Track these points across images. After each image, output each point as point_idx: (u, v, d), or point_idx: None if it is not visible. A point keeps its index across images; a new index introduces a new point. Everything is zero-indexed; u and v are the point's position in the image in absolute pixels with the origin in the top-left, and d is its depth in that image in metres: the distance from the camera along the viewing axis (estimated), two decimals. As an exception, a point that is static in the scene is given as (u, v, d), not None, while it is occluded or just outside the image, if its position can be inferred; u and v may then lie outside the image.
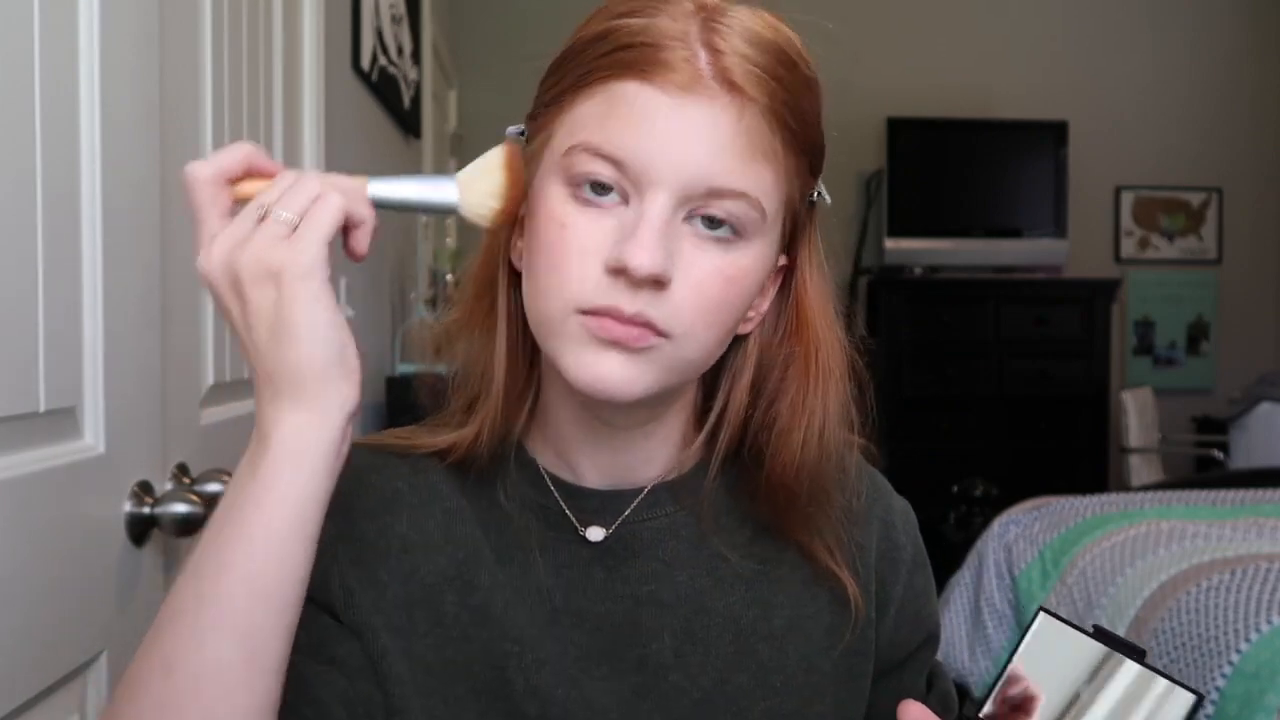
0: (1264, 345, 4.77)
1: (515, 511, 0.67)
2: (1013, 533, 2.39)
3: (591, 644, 0.65)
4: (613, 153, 0.58)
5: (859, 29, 4.46)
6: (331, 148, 1.69)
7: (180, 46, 1.07)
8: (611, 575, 0.66)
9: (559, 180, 0.60)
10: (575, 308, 0.59)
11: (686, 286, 0.59)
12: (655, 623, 0.66)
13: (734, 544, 0.68)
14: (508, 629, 0.64)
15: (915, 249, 4.22)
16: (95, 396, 0.85)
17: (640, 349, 0.58)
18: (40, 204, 0.76)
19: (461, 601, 0.65)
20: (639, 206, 0.59)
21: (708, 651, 0.66)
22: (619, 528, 0.67)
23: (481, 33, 4.16)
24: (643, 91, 0.58)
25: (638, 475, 0.68)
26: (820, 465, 0.66)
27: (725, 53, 0.58)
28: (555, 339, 0.60)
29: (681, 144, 0.58)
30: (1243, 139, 4.71)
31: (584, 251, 0.59)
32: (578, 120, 0.60)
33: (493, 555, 0.66)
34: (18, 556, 0.74)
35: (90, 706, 0.86)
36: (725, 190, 0.59)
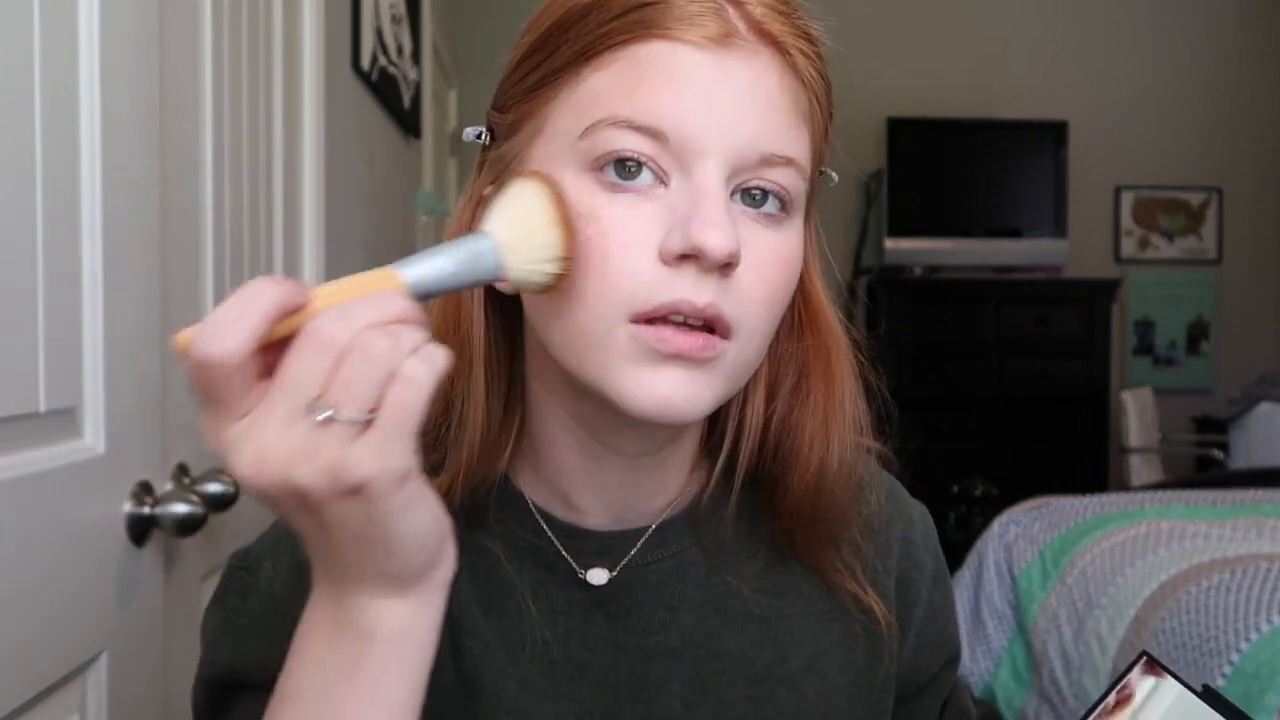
0: (1264, 345, 4.77)
1: (502, 554, 0.59)
2: (1013, 533, 2.38)
3: (595, 699, 0.59)
4: (651, 123, 0.50)
5: (859, 29, 4.46)
6: (331, 148, 1.69)
7: (180, 46, 1.07)
8: (614, 624, 0.59)
9: (575, 168, 0.51)
10: (628, 314, 0.50)
11: (751, 271, 0.51)
12: (663, 673, 0.59)
13: (745, 576, 0.61)
14: (501, 699, 0.57)
15: (915, 249, 4.22)
16: (95, 396, 0.85)
17: (705, 359, 0.50)
18: (40, 204, 0.76)
19: (450, 666, 0.58)
20: (685, 183, 0.50)
21: (720, 699, 0.60)
22: (623, 571, 0.60)
23: (481, 33, 4.16)
24: (675, 50, 0.50)
25: (643, 508, 0.61)
26: (841, 473, 0.59)
27: (750, 2, 0.52)
28: (598, 356, 0.51)
29: (731, 105, 0.50)
30: (1243, 139, 4.71)
31: (626, 245, 0.50)
32: (589, 96, 0.51)
33: (479, 608, 0.59)
34: (18, 556, 0.74)
35: (90, 706, 0.86)
36: (777, 156, 0.51)
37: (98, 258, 0.84)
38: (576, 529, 0.60)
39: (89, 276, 0.84)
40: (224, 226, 1.20)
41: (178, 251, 1.06)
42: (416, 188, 2.75)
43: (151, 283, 0.96)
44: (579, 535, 0.60)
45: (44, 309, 0.77)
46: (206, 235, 1.15)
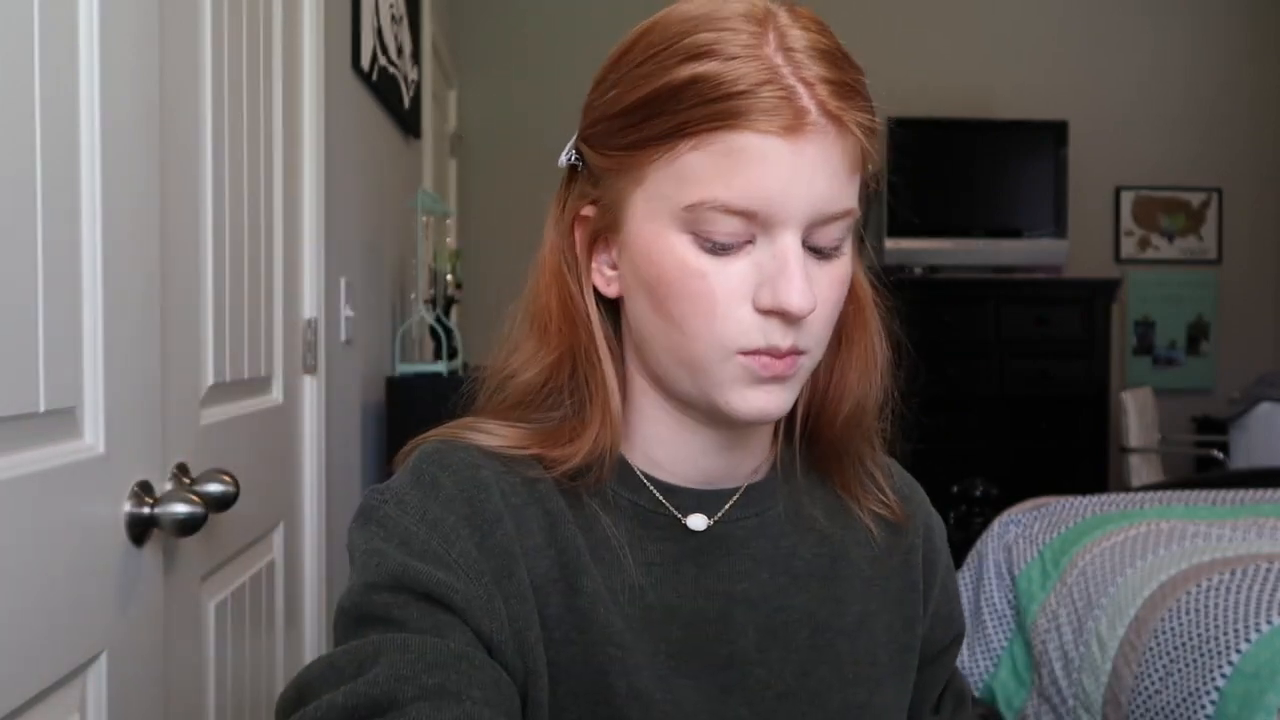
0: (1264, 345, 4.77)
1: (607, 513, 0.67)
2: (1013, 533, 2.38)
3: (684, 640, 0.66)
4: (746, 207, 0.60)
5: (859, 29, 4.45)
6: (331, 148, 1.69)
7: (180, 46, 1.07)
8: (704, 572, 0.68)
9: (680, 230, 0.62)
10: (737, 350, 0.62)
11: (819, 307, 0.63)
12: (742, 619, 0.68)
13: (808, 541, 0.72)
14: (610, 632, 0.65)
15: (915, 249, 4.22)
16: (95, 396, 0.85)
17: (790, 376, 0.63)
18: (40, 204, 0.76)
19: (565, 604, 0.65)
20: (769, 244, 0.62)
21: (787, 646, 0.69)
22: (717, 523, 0.69)
23: (481, 33, 4.16)
24: (761, 142, 0.59)
25: (733, 473, 0.71)
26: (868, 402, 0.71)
27: (814, 83, 0.61)
28: (710, 378, 0.63)
29: (807, 185, 0.61)
30: (1243, 139, 4.71)
31: (730, 297, 0.61)
32: (689, 172, 0.61)
33: (590, 556, 0.66)
34: (18, 556, 0.74)
35: (90, 706, 0.86)
36: (837, 213, 0.63)
37: (98, 258, 0.84)
38: (674, 487, 0.69)
39: (89, 276, 0.84)
40: (224, 226, 1.20)
41: (178, 251, 1.06)
42: (416, 187, 2.75)
43: (151, 283, 0.96)
44: (676, 492, 0.69)
45: (44, 309, 0.77)
46: (206, 235, 1.15)
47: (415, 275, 2.50)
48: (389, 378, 2.28)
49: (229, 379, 1.22)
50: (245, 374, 1.29)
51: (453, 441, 0.68)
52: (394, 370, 2.36)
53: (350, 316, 1.90)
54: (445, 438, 0.68)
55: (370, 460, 2.14)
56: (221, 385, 1.19)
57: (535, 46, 4.13)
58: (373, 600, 0.61)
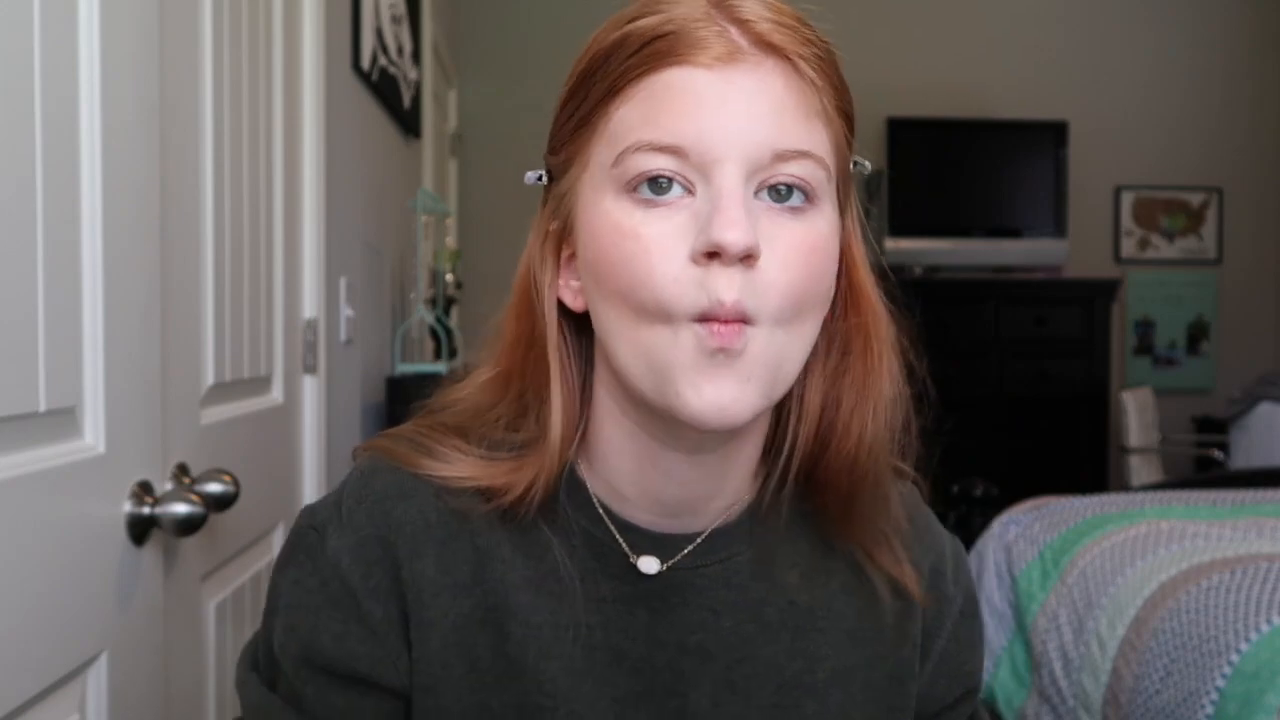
0: (1264, 345, 4.77)
1: (559, 540, 0.63)
2: (1013, 533, 2.38)
3: (630, 687, 0.62)
4: (671, 142, 0.55)
5: (859, 29, 4.46)
6: (331, 148, 1.69)
7: (180, 46, 1.07)
8: (656, 619, 0.63)
9: (613, 192, 0.57)
10: (689, 315, 0.54)
11: (774, 264, 0.55)
12: (697, 671, 0.63)
13: (784, 588, 0.65)
14: (542, 680, 0.61)
15: (915, 249, 4.22)
16: (95, 396, 0.85)
17: (738, 350, 0.54)
18: (40, 204, 0.76)
19: (493, 647, 0.61)
20: (708, 190, 0.55)
21: (748, 701, 0.63)
22: (672, 568, 0.63)
23: (481, 33, 4.16)
24: (686, 74, 0.55)
25: (699, 510, 0.64)
26: (880, 444, 0.63)
27: (753, 20, 0.56)
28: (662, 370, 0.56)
29: (739, 114, 0.55)
30: (1243, 139, 4.71)
31: (665, 254, 0.55)
32: (619, 128, 0.57)
33: (532, 589, 0.62)
34: (18, 556, 0.74)
35: (90, 706, 0.86)
36: (790, 151, 0.56)
37: (98, 258, 0.84)
38: (631, 524, 0.63)
39: (89, 276, 0.84)
40: (224, 226, 1.20)
41: (178, 251, 1.06)
42: (416, 187, 2.75)
43: (151, 283, 0.96)
44: (633, 530, 0.63)
45: (44, 309, 0.77)
46: (206, 235, 1.15)
47: (415, 275, 2.50)
48: (389, 378, 2.28)
49: (229, 379, 1.22)
50: (245, 374, 1.29)
51: (388, 463, 0.64)
52: (394, 370, 2.36)
53: (350, 316, 1.90)
54: (385, 453, 0.65)
55: (370, 460, 2.14)
56: (221, 385, 1.19)
57: (535, 46, 4.13)
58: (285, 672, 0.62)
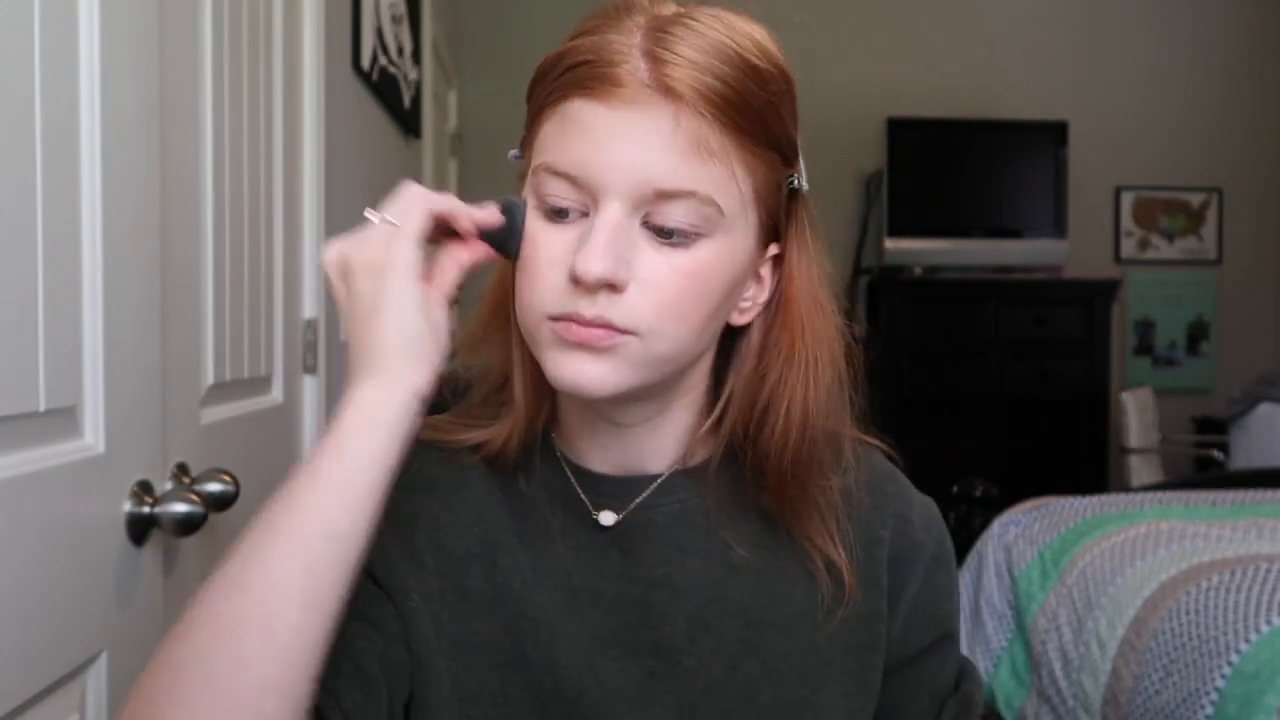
0: (1264, 345, 4.77)
1: (538, 497, 0.72)
2: (1012, 533, 2.38)
3: (607, 624, 0.68)
4: (566, 169, 0.63)
5: (859, 29, 4.46)
6: (331, 148, 1.69)
7: (180, 46, 1.07)
8: (627, 559, 0.70)
9: (534, 199, 0.65)
10: (545, 315, 0.64)
11: (644, 288, 0.62)
12: (669, 606, 0.69)
13: (742, 534, 0.71)
14: (526, 606, 0.68)
15: (915, 249, 4.22)
16: (95, 396, 0.85)
17: (605, 348, 0.62)
18: (40, 204, 0.76)
19: (486, 577, 0.69)
20: (594, 218, 0.63)
21: (719, 637, 0.68)
22: (632, 513, 0.70)
23: (481, 33, 4.16)
24: (587, 108, 0.62)
25: (648, 465, 0.72)
26: (804, 447, 0.69)
27: (666, 61, 0.61)
28: (535, 346, 0.66)
29: (623, 152, 0.61)
30: (1243, 139, 4.71)
31: (550, 263, 0.63)
32: (542, 142, 0.65)
33: (516, 538, 0.70)
34: (17, 556, 0.74)
35: (90, 706, 0.86)
36: (671, 190, 0.62)
37: (98, 258, 0.84)
38: (594, 475, 0.72)
39: (89, 276, 0.84)
40: (224, 226, 1.20)
41: (178, 251, 1.06)
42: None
43: (151, 283, 0.96)
44: (596, 480, 0.72)
45: (44, 309, 0.77)
46: (206, 235, 1.15)
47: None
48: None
49: (229, 379, 1.22)
50: (245, 374, 1.29)
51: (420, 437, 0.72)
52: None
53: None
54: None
55: (370, 460, 2.14)
56: (221, 385, 1.19)
57: (535, 46, 4.07)
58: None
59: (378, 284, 0.62)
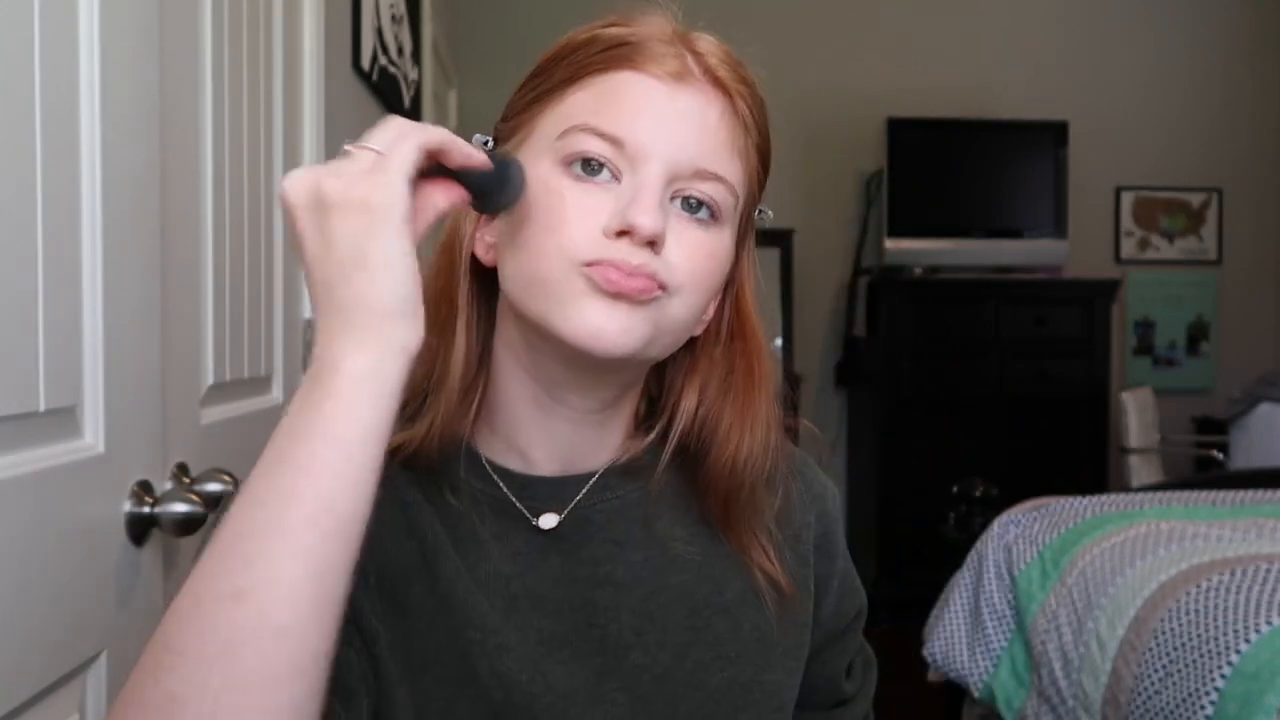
0: (1264, 345, 4.77)
1: (465, 505, 0.68)
2: (1012, 533, 2.38)
3: (553, 628, 0.67)
4: (613, 132, 0.63)
5: (859, 29, 4.46)
6: (332, 148, 1.69)
7: (180, 46, 1.07)
8: (567, 560, 0.68)
9: (550, 161, 0.64)
10: (579, 261, 0.61)
11: (678, 251, 0.63)
12: (613, 603, 0.68)
13: (679, 528, 0.71)
14: (471, 616, 0.65)
15: (915, 249, 4.21)
16: (95, 396, 0.85)
17: (644, 300, 0.62)
18: (40, 204, 0.76)
19: (428, 590, 0.66)
20: (633, 180, 0.63)
21: (665, 628, 0.69)
22: (572, 512, 0.69)
23: (481, 33, 4.15)
24: (639, 79, 0.64)
25: (589, 461, 0.71)
26: (760, 465, 0.70)
27: (706, 54, 0.65)
28: (551, 296, 0.62)
29: (676, 124, 0.63)
30: (1243, 139, 4.71)
31: (582, 214, 0.62)
32: (570, 109, 0.65)
33: (450, 544, 0.67)
34: (18, 556, 0.74)
35: (90, 706, 0.86)
36: (709, 172, 0.64)
37: (98, 258, 0.84)
38: (529, 478, 0.69)
39: (89, 276, 0.84)
40: (224, 226, 1.20)
41: (178, 251, 1.06)
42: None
43: (151, 283, 0.96)
44: (531, 484, 0.69)
45: (44, 309, 0.77)
46: (206, 235, 1.15)
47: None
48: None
49: (229, 379, 1.22)
50: (245, 374, 1.29)
51: None
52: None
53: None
54: None
55: (370, 460, 2.14)
56: (221, 385, 1.19)
57: (535, 46, 4.09)
58: None
59: (365, 229, 0.54)
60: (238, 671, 0.49)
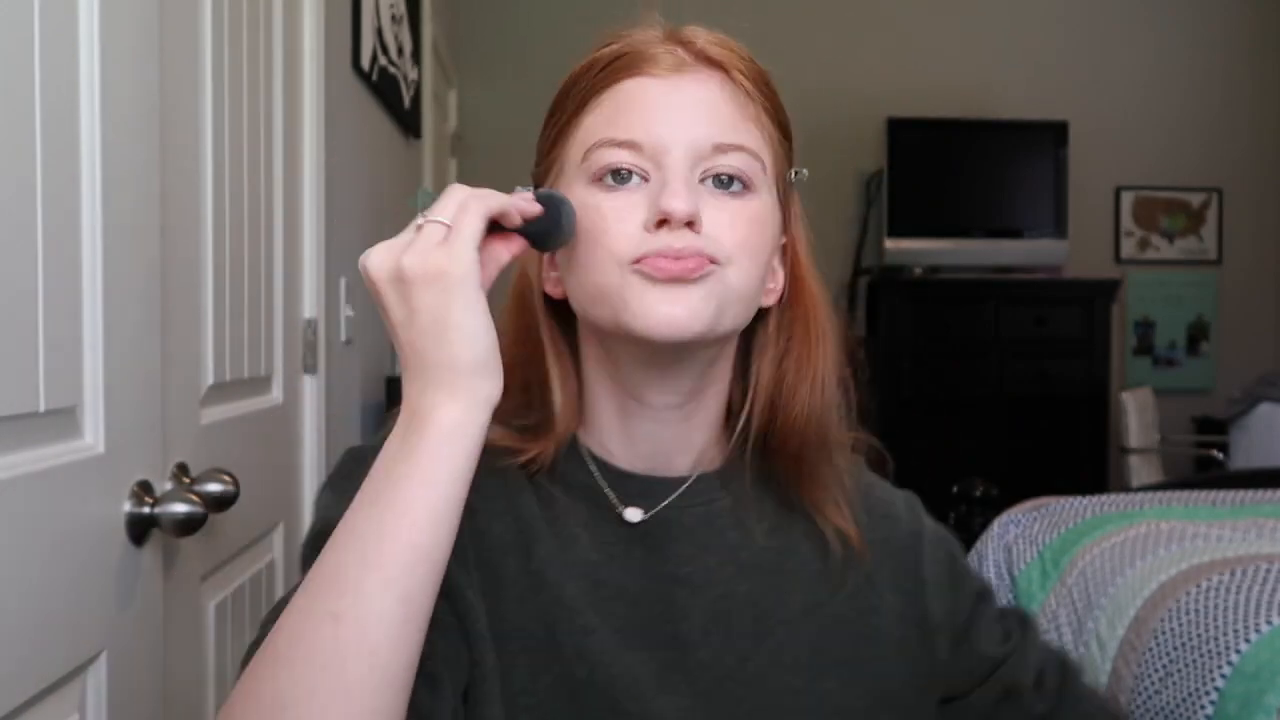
0: (1264, 345, 4.77)
1: (563, 493, 0.73)
2: (1012, 533, 2.38)
3: (630, 617, 0.71)
4: (628, 138, 0.67)
5: (859, 29, 4.46)
6: (331, 148, 1.69)
7: (180, 46, 1.07)
8: (650, 555, 0.72)
9: (583, 183, 0.69)
10: (628, 260, 0.66)
11: (719, 225, 0.67)
12: (687, 602, 0.71)
13: (755, 535, 0.74)
14: (560, 596, 0.70)
15: (915, 249, 4.21)
16: (95, 396, 0.85)
17: (699, 277, 0.65)
18: (40, 204, 0.76)
19: (521, 566, 0.70)
20: (660, 174, 0.67)
21: (730, 631, 0.72)
22: (661, 511, 0.73)
23: (481, 33, 4.15)
24: (640, 83, 0.68)
25: (675, 464, 0.74)
26: (823, 415, 0.73)
27: (696, 42, 0.69)
28: (614, 300, 0.66)
29: (684, 112, 0.68)
30: (1243, 139, 4.71)
31: (620, 219, 0.66)
32: (587, 132, 0.69)
33: (547, 530, 0.72)
34: (18, 556, 0.74)
35: (90, 706, 0.86)
36: (727, 144, 0.68)
37: (98, 258, 0.84)
38: (622, 472, 0.74)
39: (89, 276, 0.84)
40: (224, 226, 1.20)
41: (178, 251, 1.06)
42: (416, 187, 2.75)
43: (151, 283, 0.96)
44: (624, 478, 0.74)
45: (44, 309, 0.77)
46: (206, 235, 1.15)
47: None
48: (389, 378, 2.28)
49: (229, 379, 1.22)
50: (245, 374, 1.29)
51: None
52: (394, 370, 2.36)
53: (350, 316, 1.90)
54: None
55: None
56: (221, 385, 1.19)
57: (535, 46, 4.12)
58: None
59: (444, 298, 0.59)
60: (337, 682, 0.56)
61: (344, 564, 0.59)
